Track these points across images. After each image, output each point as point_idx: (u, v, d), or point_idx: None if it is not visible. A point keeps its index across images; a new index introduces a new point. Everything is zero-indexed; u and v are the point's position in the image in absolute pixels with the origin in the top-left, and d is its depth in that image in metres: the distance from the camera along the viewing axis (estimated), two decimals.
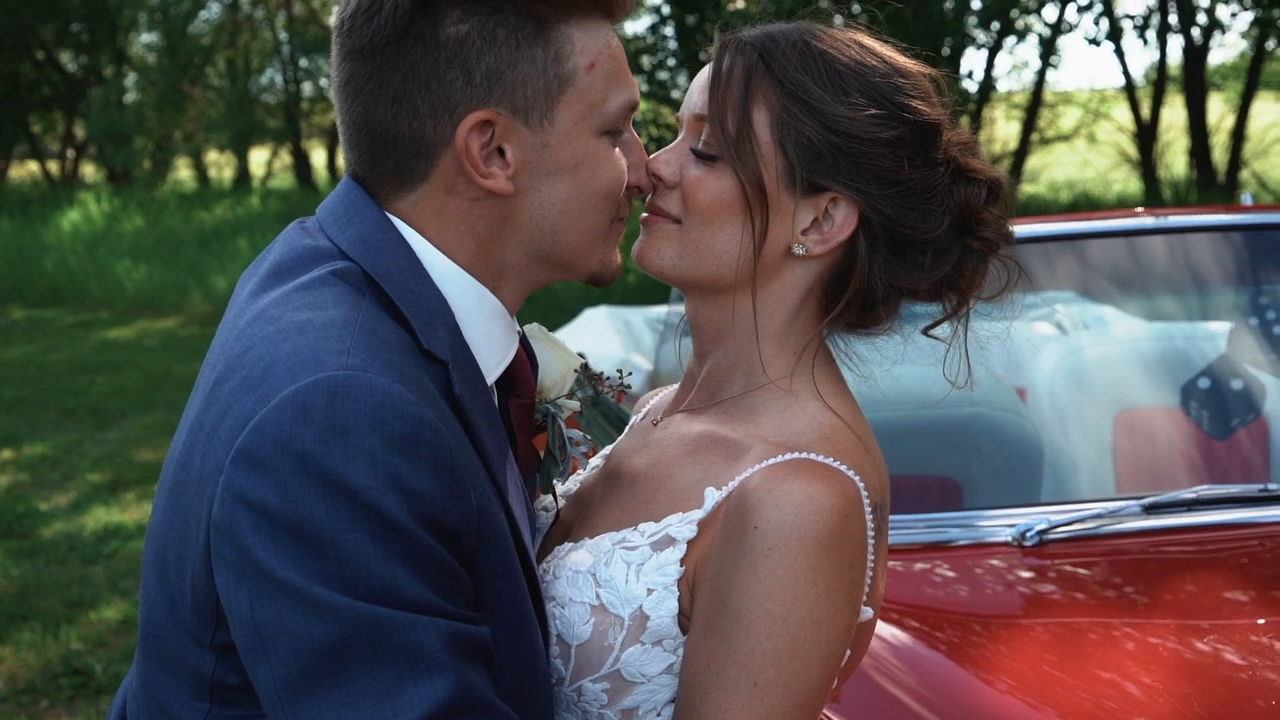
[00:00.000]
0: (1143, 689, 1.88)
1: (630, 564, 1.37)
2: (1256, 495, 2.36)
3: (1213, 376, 2.73)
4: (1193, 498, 2.35)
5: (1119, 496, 2.42)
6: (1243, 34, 14.92)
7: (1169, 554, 2.29)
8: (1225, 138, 15.77)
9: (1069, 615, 2.10)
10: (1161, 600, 2.13)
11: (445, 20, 1.29)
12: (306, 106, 23.91)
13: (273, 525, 1.16)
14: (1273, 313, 2.71)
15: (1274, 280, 2.77)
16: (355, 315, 1.26)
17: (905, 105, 1.41)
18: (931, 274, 1.43)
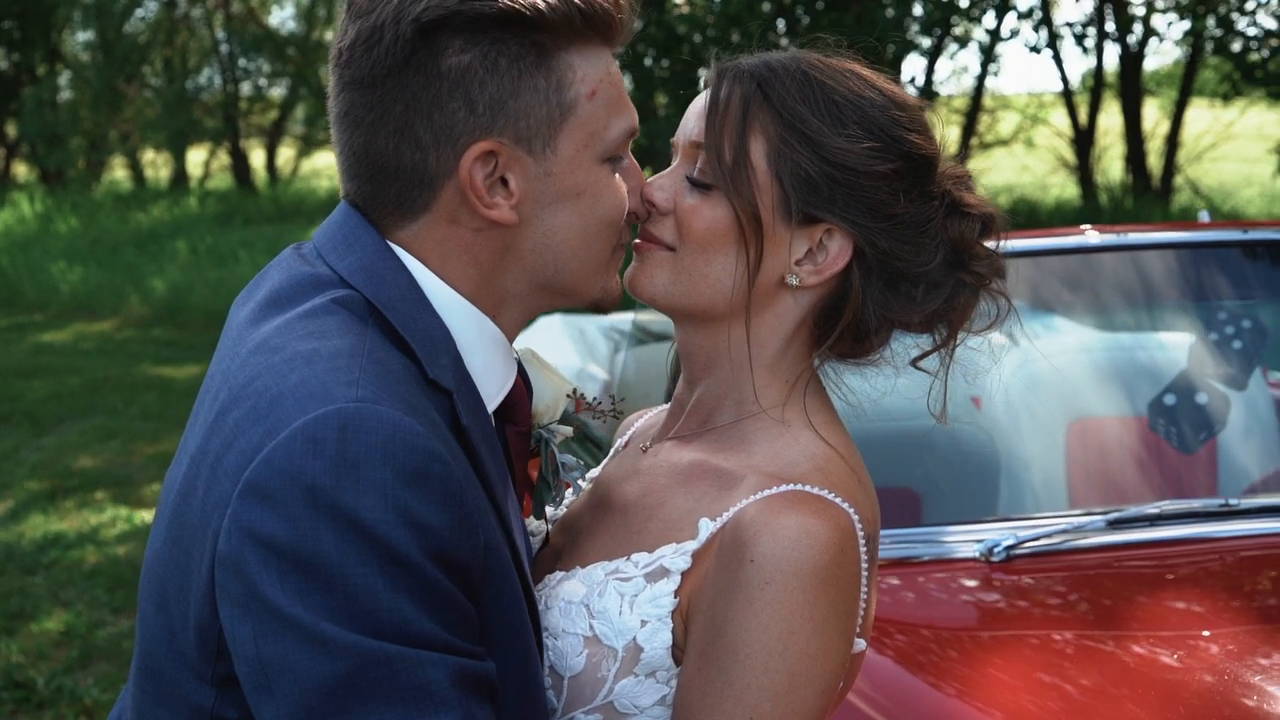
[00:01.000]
0: (1111, 703, 1.90)
1: (624, 595, 1.36)
2: (1218, 510, 2.40)
3: (1175, 391, 2.77)
4: (1156, 512, 2.39)
5: (1083, 511, 2.44)
6: (1177, 42, 15.16)
7: (1133, 569, 2.31)
8: (1160, 144, 16.02)
9: (1043, 631, 2.12)
10: (1128, 615, 2.16)
11: (447, 50, 1.28)
12: (245, 106, 23.63)
13: (280, 560, 1.14)
14: (1231, 328, 2.76)
15: (1231, 296, 2.81)
16: (361, 345, 1.24)
17: (902, 138, 1.41)
18: (924, 307, 1.44)
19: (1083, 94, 16.91)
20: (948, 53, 15.94)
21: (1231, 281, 2.80)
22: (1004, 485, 2.87)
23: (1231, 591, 2.26)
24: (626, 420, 1.73)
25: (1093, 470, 2.98)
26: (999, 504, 2.80)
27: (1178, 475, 2.94)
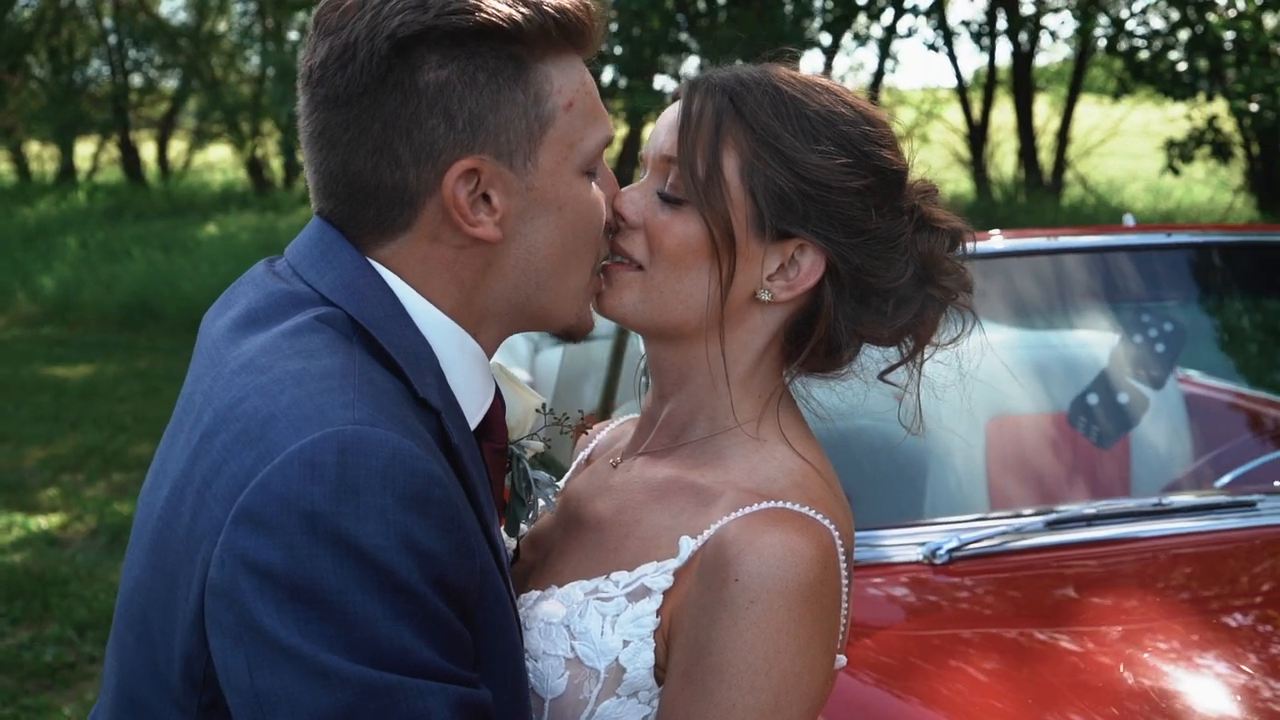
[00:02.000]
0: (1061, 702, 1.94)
1: (605, 615, 1.35)
2: (1151, 510, 2.46)
3: (1097, 390, 2.83)
4: (1093, 513, 2.44)
5: (1013, 513, 2.48)
6: (1066, 40, 15.50)
7: (1073, 569, 2.36)
8: (1051, 139, 16.38)
9: (993, 632, 2.15)
10: (1071, 614, 2.21)
11: (424, 66, 1.25)
12: (135, 98, 23.04)
13: (276, 588, 1.10)
14: (1154, 330, 2.82)
15: (1154, 298, 2.88)
16: (351, 364, 1.21)
17: (874, 154, 1.41)
18: (894, 322, 1.44)
19: (976, 90, 17.23)
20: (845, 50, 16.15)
21: (1155, 284, 2.87)
22: (930, 485, 2.91)
23: (1166, 589, 2.32)
24: (587, 434, 1.71)
25: (1011, 467, 3.03)
26: (930, 503, 2.84)
27: (1096, 472, 3.00)
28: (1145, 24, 11.00)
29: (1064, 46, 15.58)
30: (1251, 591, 2.33)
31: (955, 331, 1.49)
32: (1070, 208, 14.71)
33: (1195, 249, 2.92)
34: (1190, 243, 2.90)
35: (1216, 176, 15.70)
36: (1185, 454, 3.15)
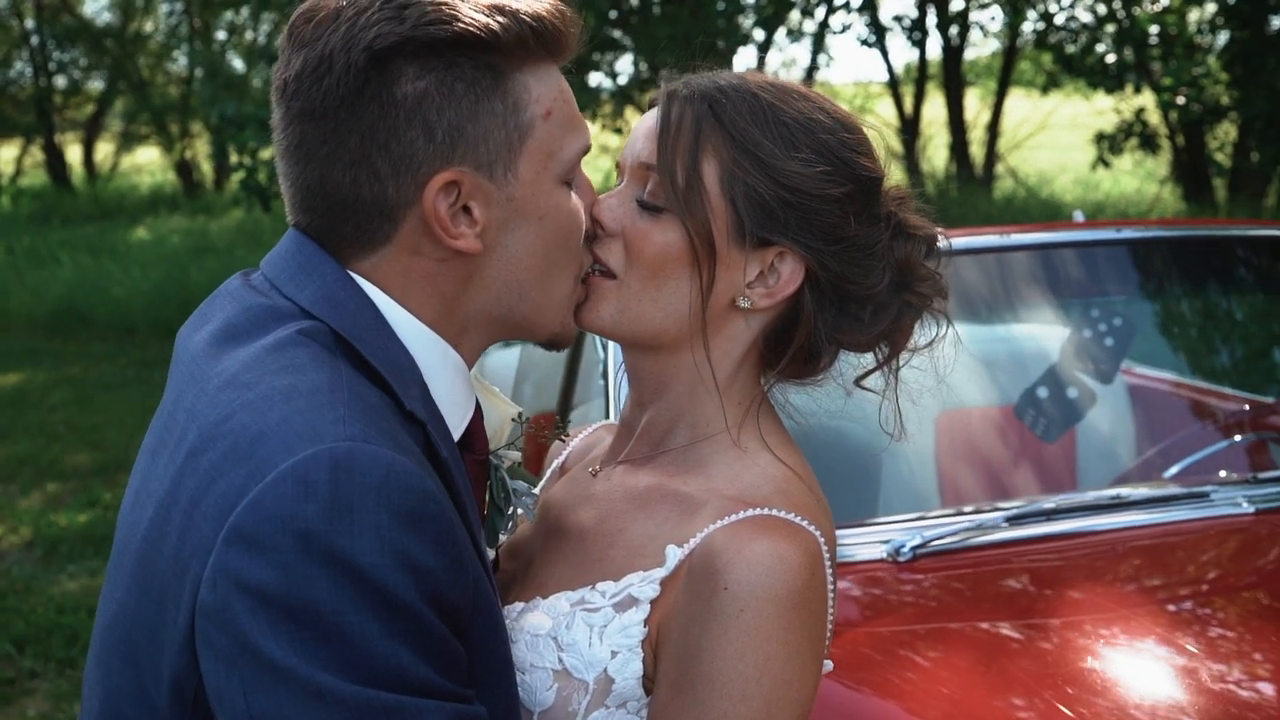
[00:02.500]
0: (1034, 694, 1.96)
1: (593, 626, 1.35)
2: (1109, 503, 2.50)
3: (1046, 384, 2.86)
4: (1052, 507, 2.47)
5: (983, 509, 2.50)
6: (995, 34, 15.67)
7: (1035, 563, 2.39)
8: (982, 133, 16.57)
9: (962, 627, 2.17)
10: (1038, 608, 2.23)
11: (401, 77, 1.23)
12: (60, 100, 22.62)
13: (270, 609, 1.09)
14: (1103, 324, 2.86)
15: (1103, 294, 2.92)
16: (338, 378, 1.20)
17: (853, 161, 1.41)
18: (872, 328, 1.44)
19: (908, 84, 17.38)
20: (778, 46, 16.22)
21: (1105, 279, 2.91)
22: (884, 481, 2.93)
23: (1125, 580, 2.35)
24: (558, 444, 1.70)
25: (961, 460, 3.06)
26: (884, 500, 2.86)
27: (1044, 465, 3.04)
28: (1074, 18, 11.15)
29: (994, 41, 15.75)
30: (1207, 580, 2.38)
31: (930, 336, 1.50)
32: (1002, 200, 14.88)
33: (1145, 244, 2.96)
34: (1139, 238, 2.95)
35: (1143, 168, 15.98)
36: (1131, 445, 3.19)
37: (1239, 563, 2.43)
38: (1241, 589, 2.33)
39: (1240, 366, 3.33)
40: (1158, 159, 14.23)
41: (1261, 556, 2.43)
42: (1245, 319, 3.30)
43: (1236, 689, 1.99)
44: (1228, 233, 3.05)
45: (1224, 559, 2.44)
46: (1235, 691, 1.99)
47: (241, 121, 10.73)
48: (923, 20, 15.36)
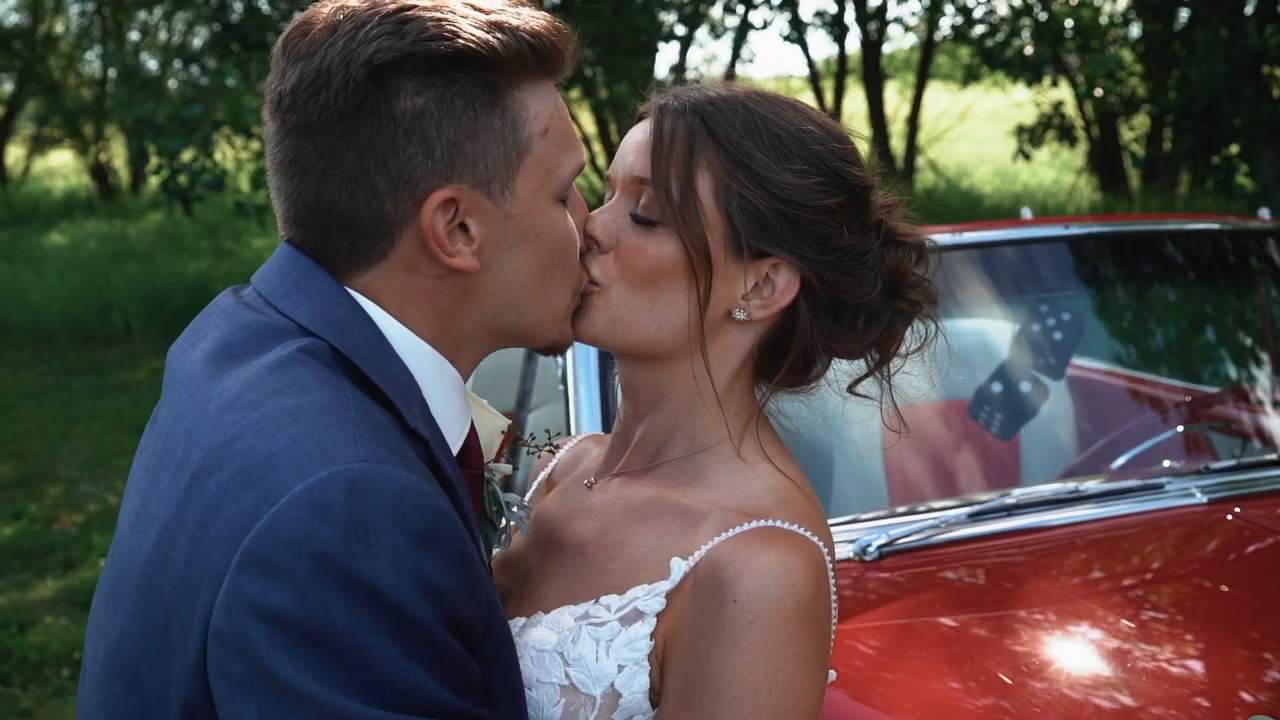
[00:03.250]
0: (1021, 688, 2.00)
1: (599, 640, 1.35)
2: (1069, 496, 2.54)
3: (999, 380, 2.91)
4: (1013, 502, 2.51)
5: (948, 505, 2.54)
6: (912, 28, 15.85)
7: (998, 557, 2.42)
8: (902, 126, 16.75)
9: (935, 623, 2.20)
10: (1007, 602, 2.27)
11: (400, 93, 1.22)
12: None
13: (287, 634, 1.08)
14: (1052, 319, 2.91)
15: (1052, 289, 2.97)
16: (344, 397, 1.19)
17: (845, 171, 1.43)
18: (866, 337, 1.46)
19: (828, 78, 17.52)
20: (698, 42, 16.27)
21: (1052, 274, 2.95)
22: (835, 478, 2.96)
23: (1087, 572, 2.40)
24: (544, 455, 1.70)
25: (908, 456, 3.09)
26: (836, 498, 2.89)
27: (989, 459, 3.09)
28: (993, 11, 11.32)
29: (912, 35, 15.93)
30: (1165, 570, 2.42)
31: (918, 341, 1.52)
32: (923, 192, 15.07)
33: (1093, 240, 3.02)
34: (1087, 234, 3.00)
35: (1059, 159, 16.26)
36: (1073, 438, 3.25)
37: (1194, 552, 2.48)
38: (1198, 578, 2.38)
39: (1183, 359, 3.40)
40: (1074, 150, 14.49)
41: (1215, 546, 2.48)
42: (1188, 311, 3.38)
43: (1201, 676, 2.04)
44: (1171, 226, 3.12)
45: (1180, 549, 2.49)
46: (1199, 679, 2.04)
47: (161, 125, 10.54)
48: (842, 15, 15.50)
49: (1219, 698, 1.98)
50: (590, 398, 2.63)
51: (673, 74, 13.80)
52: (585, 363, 2.65)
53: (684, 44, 14.64)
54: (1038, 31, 10.41)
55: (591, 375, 2.65)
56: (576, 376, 2.67)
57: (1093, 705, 1.95)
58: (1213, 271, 3.23)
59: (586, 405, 2.63)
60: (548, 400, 2.95)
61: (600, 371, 2.65)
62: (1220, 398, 3.21)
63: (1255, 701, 1.95)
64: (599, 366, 2.66)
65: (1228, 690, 2.01)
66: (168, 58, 19.52)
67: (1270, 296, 3.31)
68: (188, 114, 10.97)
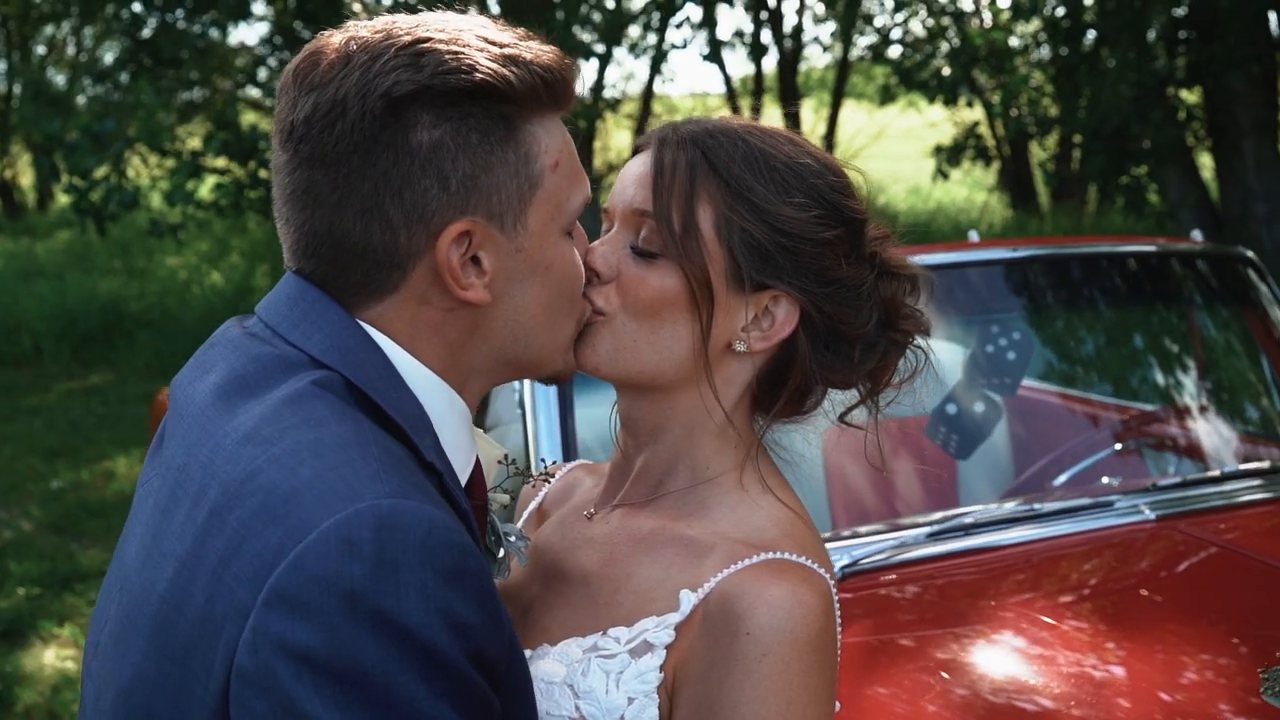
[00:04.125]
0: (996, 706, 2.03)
1: (609, 673, 1.35)
2: (1024, 514, 2.59)
3: (954, 400, 2.96)
4: (971, 521, 2.55)
5: (907, 524, 2.57)
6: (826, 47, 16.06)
7: (958, 575, 2.46)
8: (818, 143, 16.92)
9: (904, 642, 2.22)
10: (973, 619, 2.30)
11: (417, 125, 1.22)
12: None
13: (315, 672, 1.07)
14: (1004, 339, 2.97)
15: (1000, 310, 3.03)
16: (363, 432, 1.18)
17: (842, 205, 1.44)
18: (861, 367, 1.47)
19: (745, 96, 17.69)
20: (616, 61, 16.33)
21: (1000, 296, 3.01)
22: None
23: (1044, 588, 2.44)
24: (530, 487, 1.70)
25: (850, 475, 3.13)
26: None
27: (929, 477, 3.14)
28: (910, 33, 11.52)
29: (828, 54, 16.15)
30: (1118, 585, 2.48)
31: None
32: None
33: (1038, 262, 3.08)
34: (1033, 256, 3.07)
35: (971, 177, 16.56)
36: (1009, 456, 3.31)
37: (1145, 568, 2.54)
38: (1151, 592, 2.44)
39: (1120, 377, 3.49)
40: (986, 169, 14.79)
41: (1164, 561, 2.55)
42: (1123, 330, 3.46)
43: (1161, 689, 2.09)
44: (1113, 249, 3.20)
45: (1131, 565, 2.55)
46: (1161, 690, 2.09)
47: (73, 142, 10.33)
48: (758, 34, 15.68)
49: (1178, 708, 2.03)
50: (549, 421, 2.63)
51: (591, 94, 13.84)
52: (544, 386, 2.65)
53: (603, 62, 14.70)
54: (953, 53, 10.61)
55: (550, 398, 2.65)
56: (535, 399, 2.66)
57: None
58: (1149, 291, 3.32)
59: (545, 428, 2.63)
60: (505, 422, 2.94)
61: (560, 395, 2.65)
62: (1157, 415, 3.30)
63: (1215, 710, 2.00)
64: (557, 393, 2.65)
65: (1187, 699, 2.06)
66: (76, 73, 19.14)
67: (1200, 316, 3.41)
68: (101, 128, 10.79)
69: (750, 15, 15.72)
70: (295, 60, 1.29)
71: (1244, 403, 3.36)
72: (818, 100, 18.83)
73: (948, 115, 13.35)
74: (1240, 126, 10.55)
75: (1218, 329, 3.38)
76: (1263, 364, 3.32)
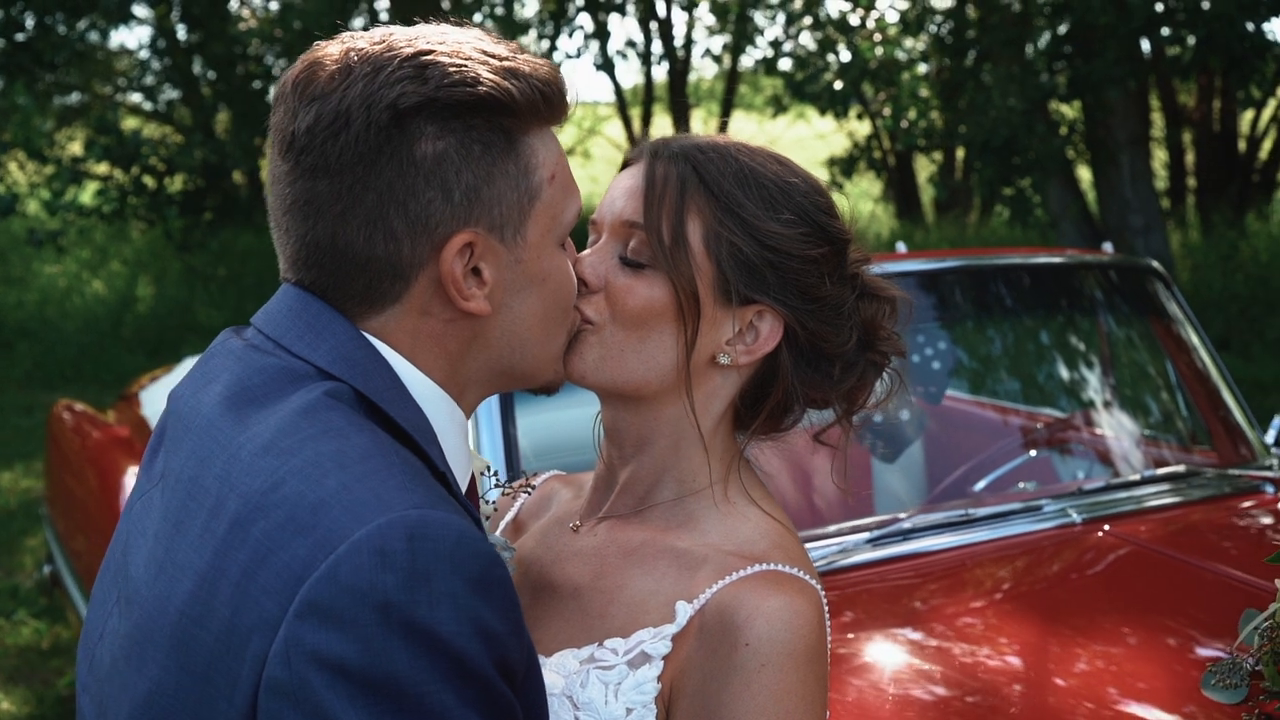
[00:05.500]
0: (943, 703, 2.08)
1: (608, 684, 1.36)
2: (959, 520, 2.66)
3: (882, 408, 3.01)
4: (909, 527, 2.61)
5: (846, 530, 2.61)
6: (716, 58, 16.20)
7: (896, 580, 2.52)
8: None
9: (849, 645, 2.26)
10: (913, 620, 2.35)
11: (421, 137, 1.23)
12: None
13: (350, 683, 1.06)
14: (930, 348, 3.03)
15: (925, 320, 3.09)
16: (381, 442, 1.18)
17: (828, 224, 1.47)
18: (840, 386, 1.50)
19: (636, 106, 17.78)
20: None
21: (927, 305, 3.08)
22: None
23: (982, 590, 2.51)
24: (505, 498, 1.70)
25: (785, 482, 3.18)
26: None
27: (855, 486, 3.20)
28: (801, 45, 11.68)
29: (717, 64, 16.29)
30: (1053, 584, 2.56)
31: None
32: None
33: (963, 273, 3.16)
34: (959, 267, 3.14)
35: (857, 188, 16.84)
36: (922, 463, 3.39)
37: (1075, 568, 2.63)
38: (1083, 590, 2.52)
39: (1034, 386, 3.58)
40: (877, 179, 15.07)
41: (1092, 560, 2.63)
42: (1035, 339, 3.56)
43: (1102, 684, 2.16)
44: (1026, 260, 3.29)
45: (1062, 565, 2.63)
46: (1102, 687, 2.16)
47: None
48: (648, 45, 15.78)
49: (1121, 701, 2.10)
50: (492, 434, 2.62)
51: None
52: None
53: None
54: (843, 67, 10.79)
55: (492, 408, 2.64)
56: (477, 412, 2.66)
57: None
58: (1063, 302, 3.42)
59: (488, 439, 2.62)
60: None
61: (501, 406, 2.65)
62: (1071, 422, 3.40)
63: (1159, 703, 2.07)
64: (499, 402, 2.65)
65: (1128, 692, 2.13)
66: None
67: (1110, 324, 3.52)
68: None
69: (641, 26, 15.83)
70: (293, 71, 1.28)
71: (1153, 408, 3.48)
72: (706, 111, 19.00)
73: (837, 127, 13.57)
74: (1117, 140, 10.92)
75: (1127, 337, 3.50)
76: (1169, 371, 3.45)
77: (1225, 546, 2.70)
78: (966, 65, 11.28)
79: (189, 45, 13.52)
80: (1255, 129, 12.92)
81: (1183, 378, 3.41)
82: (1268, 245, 11.61)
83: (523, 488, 1.64)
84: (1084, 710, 2.07)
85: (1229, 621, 2.24)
